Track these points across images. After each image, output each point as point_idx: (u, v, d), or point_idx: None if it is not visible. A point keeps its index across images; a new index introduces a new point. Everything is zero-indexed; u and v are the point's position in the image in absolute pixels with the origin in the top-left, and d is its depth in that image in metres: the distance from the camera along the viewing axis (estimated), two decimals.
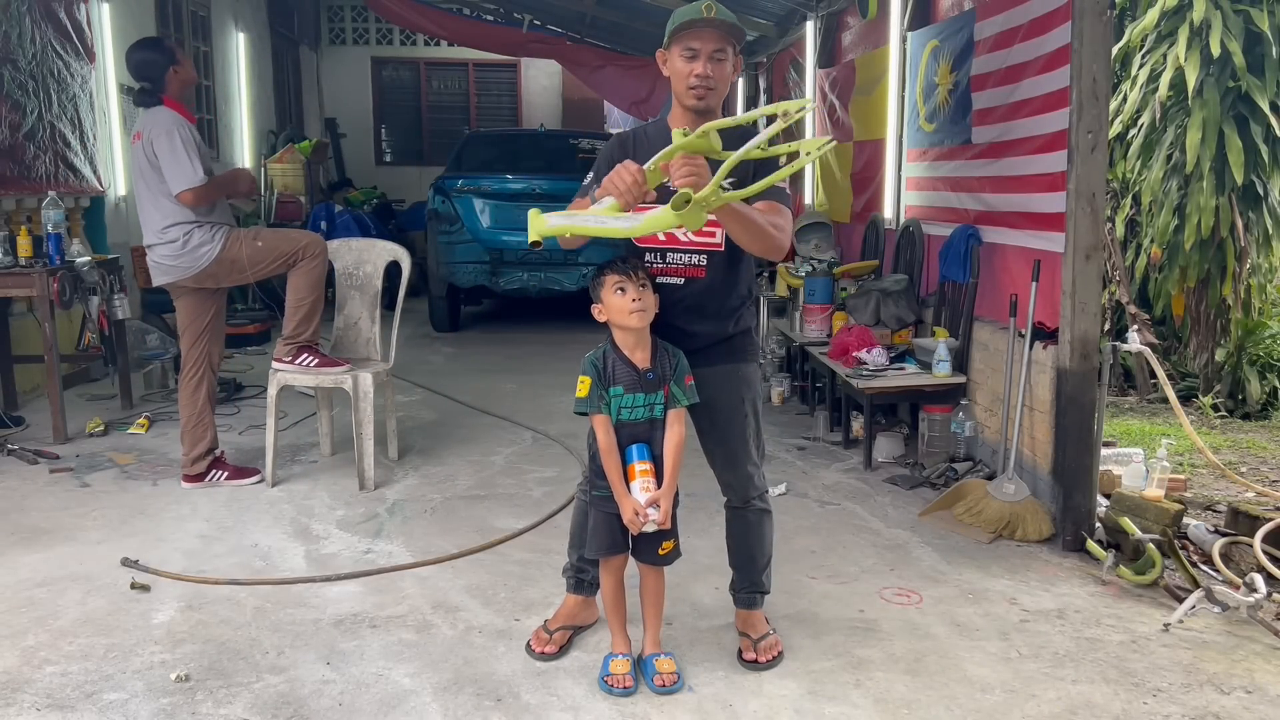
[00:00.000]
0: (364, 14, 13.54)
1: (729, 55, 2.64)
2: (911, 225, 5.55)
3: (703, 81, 2.62)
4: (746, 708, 2.61)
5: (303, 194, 10.17)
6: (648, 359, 2.66)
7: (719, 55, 2.62)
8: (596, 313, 2.67)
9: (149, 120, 4.25)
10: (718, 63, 2.62)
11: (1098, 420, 3.74)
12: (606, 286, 2.61)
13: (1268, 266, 6.06)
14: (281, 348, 4.43)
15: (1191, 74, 5.55)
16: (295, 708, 2.59)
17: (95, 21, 6.94)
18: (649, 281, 2.63)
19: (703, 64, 2.61)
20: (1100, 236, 3.70)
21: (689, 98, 2.65)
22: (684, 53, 2.63)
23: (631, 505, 2.62)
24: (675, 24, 2.64)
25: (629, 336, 2.64)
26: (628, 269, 2.60)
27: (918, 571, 3.50)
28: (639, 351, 2.65)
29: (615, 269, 2.61)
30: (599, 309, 2.66)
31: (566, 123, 13.47)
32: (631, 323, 2.60)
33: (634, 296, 2.58)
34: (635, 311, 2.59)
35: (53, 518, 4.00)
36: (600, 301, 2.65)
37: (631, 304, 2.58)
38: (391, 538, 3.80)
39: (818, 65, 7.74)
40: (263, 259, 4.35)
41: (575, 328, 8.31)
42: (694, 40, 2.61)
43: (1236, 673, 2.79)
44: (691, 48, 2.62)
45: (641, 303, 2.59)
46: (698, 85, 2.62)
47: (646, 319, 2.62)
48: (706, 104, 2.65)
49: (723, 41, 2.61)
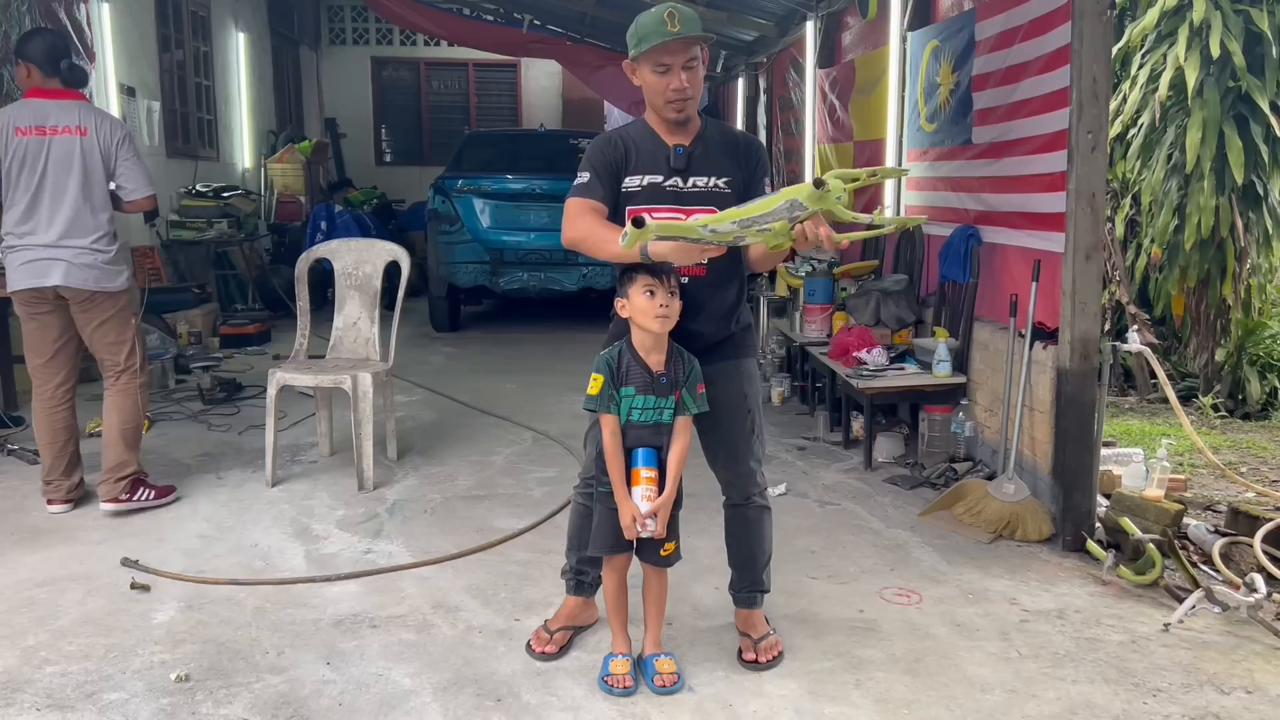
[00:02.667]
0: (364, 14, 13.55)
1: (700, 58, 2.66)
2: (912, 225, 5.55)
3: (680, 95, 2.63)
4: (746, 708, 2.61)
5: (303, 194, 10.18)
6: (663, 362, 2.65)
7: (690, 64, 2.63)
8: (620, 307, 2.66)
9: (86, 113, 3.96)
10: (691, 70, 2.63)
11: (1098, 420, 3.74)
12: (637, 285, 2.59)
13: (1268, 266, 6.06)
14: (109, 487, 4.00)
15: (1191, 74, 5.55)
16: (295, 708, 2.59)
17: (95, 21, 6.95)
18: (678, 289, 2.63)
19: (677, 77, 2.61)
20: (1100, 236, 3.70)
21: (669, 111, 2.67)
22: (656, 68, 2.64)
23: (630, 511, 2.62)
24: (640, 41, 2.62)
25: (648, 339, 2.64)
26: (661, 271, 2.58)
27: (918, 571, 3.50)
28: (655, 354, 2.65)
29: (649, 269, 2.59)
30: (623, 304, 2.65)
31: (566, 123, 13.48)
32: (654, 327, 2.60)
33: (662, 302, 2.57)
34: (660, 316, 2.58)
35: (53, 518, 4.00)
36: (626, 298, 2.63)
37: (659, 308, 2.57)
38: (391, 538, 3.80)
39: (818, 65, 7.74)
40: (121, 319, 4.06)
41: (575, 328, 8.34)
42: (664, 56, 2.61)
43: (1236, 673, 2.79)
44: (663, 64, 2.62)
45: (668, 309, 2.59)
46: (675, 99, 2.64)
47: (669, 325, 2.61)
48: (687, 114, 2.68)
49: (692, 49, 2.62)
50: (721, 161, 2.71)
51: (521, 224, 8.23)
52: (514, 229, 8.22)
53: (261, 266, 9.44)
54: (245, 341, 7.72)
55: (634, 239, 2.31)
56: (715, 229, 2.36)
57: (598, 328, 2.71)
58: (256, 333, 7.90)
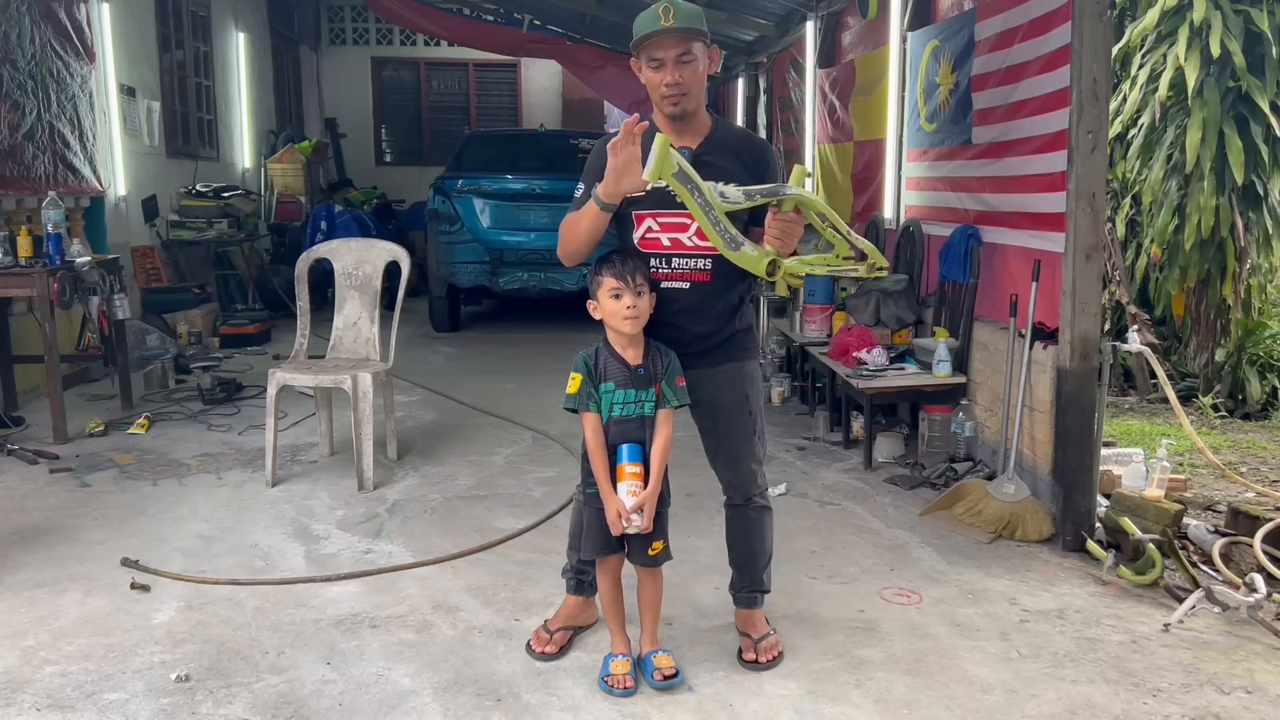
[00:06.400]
0: (364, 14, 13.54)
1: (697, 53, 2.63)
2: (911, 225, 5.55)
3: (673, 89, 2.63)
4: (746, 708, 2.61)
5: (303, 194, 10.18)
6: (639, 356, 2.67)
7: (685, 58, 2.62)
8: (592, 309, 2.68)
9: None
10: (684, 65, 2.62)
11: (1098, 420, 3.74)
12: (603, 289, 2.62)
13: (1268, 266, 6.06)
14: None
15: (1191, 74, 5.55)
16: (295, 708, 2.59)
17: (95, 21, 6.94)
18: (647, 287, 2.63)
19: (670, 72, 2.61)
20: (1100, 236, 3.70)
21: (665, 106, 2.67)
22: (650, 63, 2.65)
23: (615, 506, 2.62)
24: (636, 35, 2.63)
25: (622, 337, 2.66)
26: (626, 273, 2.59)
27: (918, 571, 3.50)
28: (631, 349, 2.67)
29: (613, 271, 2.60)
30: (594, 305, 2.67)
31: (566, 123, 13.47)
32: (625, 329, 2.62)
33: (629, 304, 2.59)
34: (629, 318, 2.60)
35: (53, 518, 4.00)
36: (596, 300, 2.66)
37: (626, 310, 2.59)
38: (391, 538, 3.80)
39: (818, 65, 7.74)
40: None
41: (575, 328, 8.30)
42: (657, 50, 2.61)
43: (1236, 673, 2.79)
44: (656, 58, 2.62)
45: (636, 309, 2.60)
46: (670, 94, 2.63)
47: (639, 325, 2.63)
48: (682, 109, 2.66)
49: (685, 43, 2.60)
50: (729, 166, 2.68)
51: (521, 224, 8.24)
52: (514, 229, 8.22)
53: (261, 266, 9.44)
54: (245, 341, 7.73)
55: (661, 157, 2.41)
56: (725, 193, 2.53)
57: (597, 327, 2.71)
58: (256, 333, 7.90)
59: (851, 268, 2.71)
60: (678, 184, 2.47)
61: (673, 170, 2.44)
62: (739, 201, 2.56)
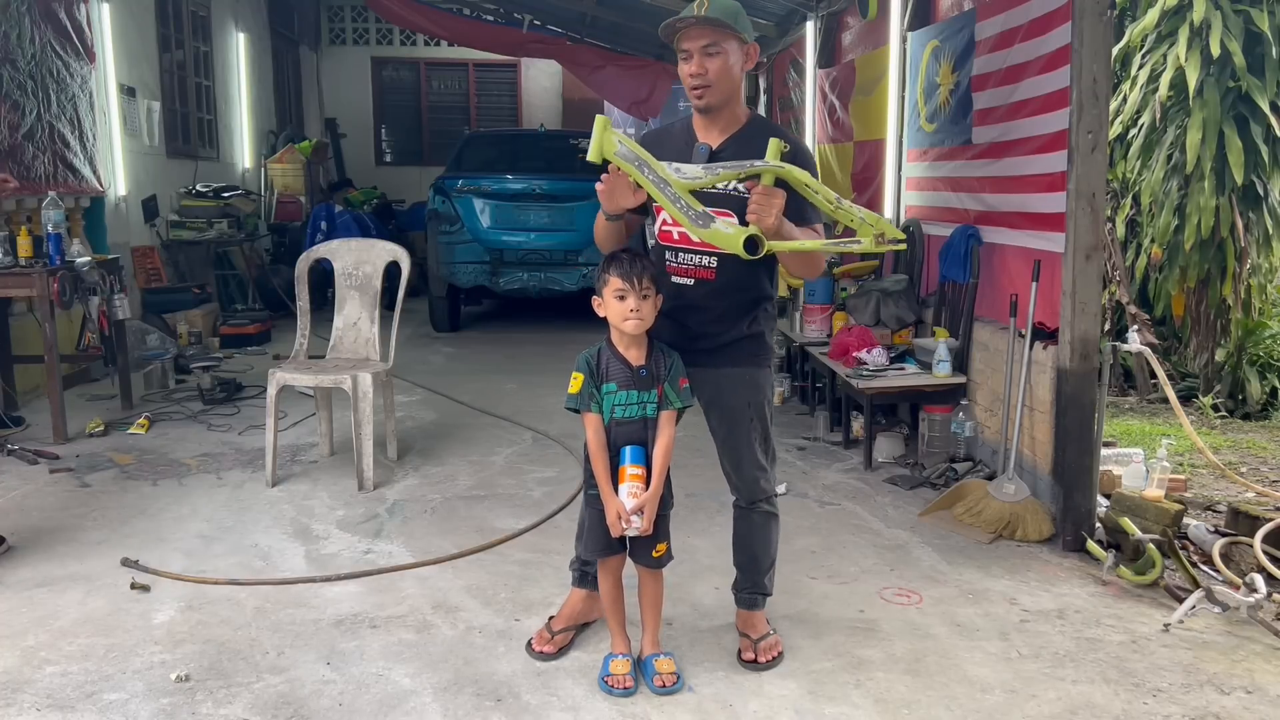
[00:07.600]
0: (364, 14, 13.54)
1: (726, 48, 2.60)
2: (911, 225, 5.55)
3: (697, 80, 2.61)
4: (746, 708, 2.61)
5: (303, 194, 10.18)
6: (642, 357, 2.66)
7: (711, 50, 2.59)
8: (596, 305, 2.67)
9: None
10: (711, 56, 2.59)
11: (1098, 420, 3.74)
12: (609, 288, 2.61)
13: (1268, 266, 6.06)
14: None
15: (1191, 74, 5.55)
16: (295, 708, 2.59)
17: (95, 21, 6.94)
18: (653, 290, 2.62)
19: (695, 63, 2.60)
20: (1100, 236, 3.70)
21: (691, 98, 2.67)
22: (680, 55, 2.65)
23: (616, 508, 2.62)
24: (665, 29, 2.64)
25: (625, 337, 2.66)
26: (632, 275, 2.58)
27: (918, 571, 3.50)
28: (634, 350, 2.66)
29: (620, 272, 2.59)
30: (599, 303, 2.66)
31: (566, 123, 13.46)
32: (627, 329, 2.62)
33: (633, 306, 2.58)
34: (631, 320, 2.59)
35: (53, 518, 3.99)
36: (601, 298, 2.65)
37: (629, 312, 2.59)
38: (391, 538, 3.80)
39: (818, 65, 7.74)
40: None
41: (575, 328, 8.33)
42: (685, 41, 2.62)
43: (1237, 673, 2.79)
44: (684, 49, 2.63)
45: (639, 313, 2.59)
46: (694, 85, 2.62)
47: (642, 328, 2.63)
48: (707, 102, 2.64)
49: (713, 35, 2.58)
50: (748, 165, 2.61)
51: (521, 224, 8.24)
52: (514, 229, 8.22)
53: (261, 266, 9.44)
54: (245, 341, 7.72)
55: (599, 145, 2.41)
56: (681, 169, 2.48)
57: (597, 327, 2.71)
58: (256, 333, 7.90)
59: (852, 242, 2.54)
60: (623, 163, 2.46)
61: (614, 149, 2.43)
62: (698, 177, 2.51)
